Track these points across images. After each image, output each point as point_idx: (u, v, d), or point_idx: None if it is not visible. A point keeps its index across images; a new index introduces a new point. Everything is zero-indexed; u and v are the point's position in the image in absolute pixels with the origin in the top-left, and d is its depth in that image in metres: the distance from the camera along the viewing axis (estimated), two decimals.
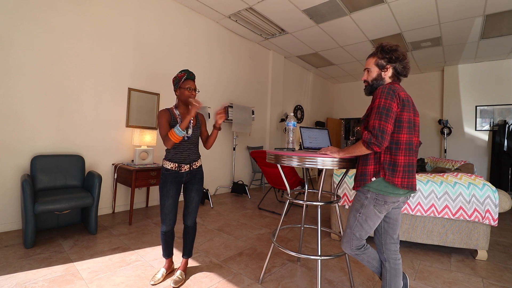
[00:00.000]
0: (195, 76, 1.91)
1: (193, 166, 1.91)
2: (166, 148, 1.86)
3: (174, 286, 1.81)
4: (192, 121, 1.88)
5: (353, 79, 8.20)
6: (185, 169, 1.86)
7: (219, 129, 1.92)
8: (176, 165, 1.84)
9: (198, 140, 1.98)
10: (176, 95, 1.91)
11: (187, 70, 1.87)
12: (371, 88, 1.49)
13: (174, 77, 1.89)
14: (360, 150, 1.38)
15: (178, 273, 1.92)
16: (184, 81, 1.85)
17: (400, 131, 1.35)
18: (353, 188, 1.51)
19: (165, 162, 1.86)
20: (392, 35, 4.89)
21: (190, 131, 1.86)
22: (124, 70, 3.55)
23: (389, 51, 1.42)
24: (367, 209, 1.42)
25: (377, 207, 1.40)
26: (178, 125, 1.74)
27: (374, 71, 1.47)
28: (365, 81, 1.52)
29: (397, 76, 1.46)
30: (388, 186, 1.36)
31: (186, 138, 1.86)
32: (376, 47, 1.48)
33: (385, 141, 1.29)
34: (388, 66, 1.44)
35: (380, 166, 1.37)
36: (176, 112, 1.89)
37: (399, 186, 1.34)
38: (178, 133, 1.72)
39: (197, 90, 1.91)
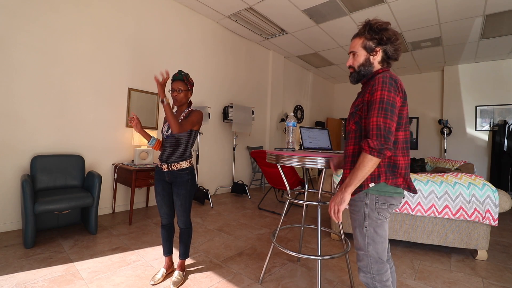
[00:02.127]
0: (182, 76, 1.81)
1: (172, 167, 1.82)
2: None
3: (173, 287, 1.81)
4: (181, 119, 1.86)
5: None
6: (164, 168, 1.85)
7: (162, 101, 1.62)
8: (160, 163, 1.89)
9: (185, 140, 1.84)
10: None
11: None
12: (358, 75, 1.26)
13: None
14: (370, 164, 1.08)
15: (176, 274, 1.92)
16: (171, 84, 1.84)
17: (399, 129, 1.16)
18: None
19: None
20: None
21: (170, 130, 1.83)
22: (124, 70, 3.55)
23: (379, 31, 1.17)
24: (372, 219, 1.17)
25: (381, 213, 1.17)
26: None
27: (362, 54, 1.22)
28: (350, 66, 1.28)
29: (387, 60, 1.23)
30: (389, 186, 1.17)
31: (165, 137, 1.87)
32: (363, 25, 1.22)
33: (391, 142, 1.09)
34: (378, 48, 1.20)
35: (379, 170, 1.15)
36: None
37: (402, 187, 1.18)
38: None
39: (179, 89, 1.80)
